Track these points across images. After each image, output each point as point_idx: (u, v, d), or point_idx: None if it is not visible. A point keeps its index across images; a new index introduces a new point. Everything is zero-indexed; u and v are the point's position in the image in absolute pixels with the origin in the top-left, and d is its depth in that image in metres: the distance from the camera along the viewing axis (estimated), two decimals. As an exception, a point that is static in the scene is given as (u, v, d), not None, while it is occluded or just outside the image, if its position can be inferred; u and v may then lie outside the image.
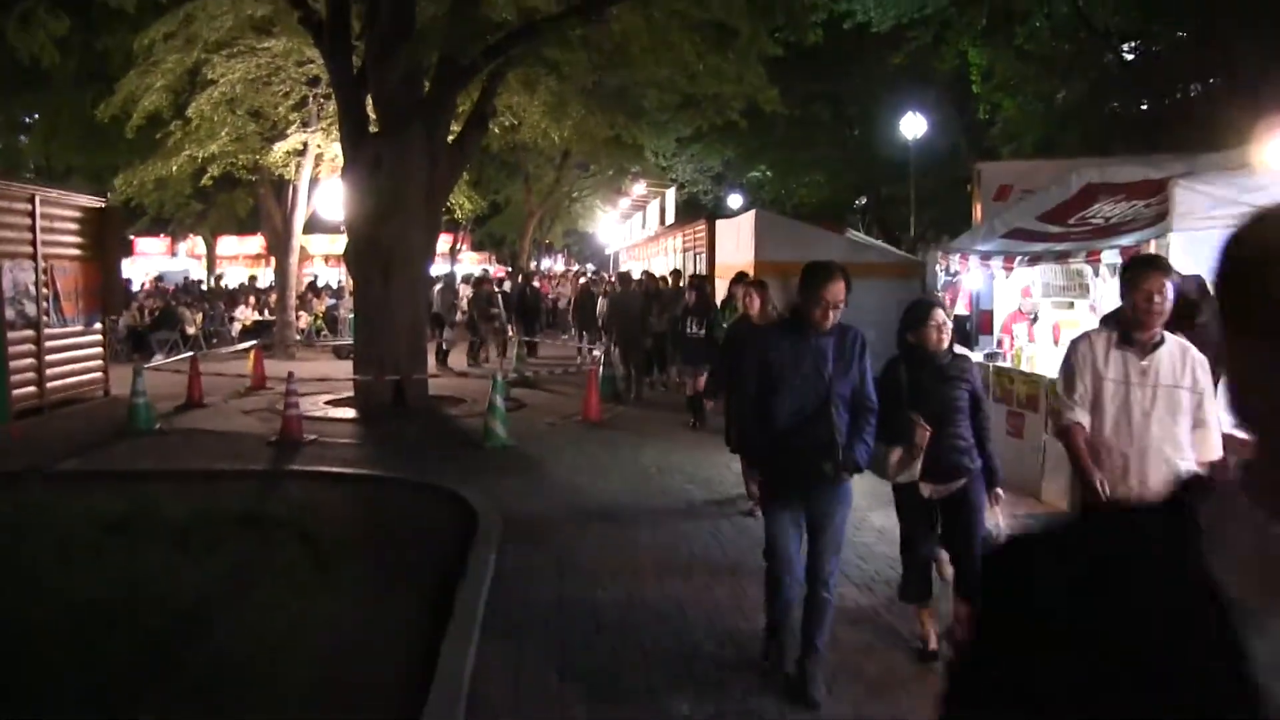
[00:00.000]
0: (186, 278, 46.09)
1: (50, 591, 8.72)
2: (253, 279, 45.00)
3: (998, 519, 7.49)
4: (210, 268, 53.42)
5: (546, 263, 74.61)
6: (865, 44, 34.46)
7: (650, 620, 8.24)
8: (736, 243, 24.82)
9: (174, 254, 58.48)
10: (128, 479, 13.48)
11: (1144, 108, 29.16)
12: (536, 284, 39.60)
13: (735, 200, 49.20)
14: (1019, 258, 13.13)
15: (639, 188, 48.87)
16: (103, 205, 21.05)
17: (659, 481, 13.40)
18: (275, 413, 18.00)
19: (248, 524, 11.14)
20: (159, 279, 47.50)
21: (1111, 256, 11.19)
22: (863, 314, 16.16)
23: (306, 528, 11.00)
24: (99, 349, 20.85)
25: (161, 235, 55.15)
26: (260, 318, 33.07)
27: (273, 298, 33.40)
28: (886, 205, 46.94)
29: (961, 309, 15.23)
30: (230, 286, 43.53)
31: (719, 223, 28.38)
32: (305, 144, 27.07)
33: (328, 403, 19.83)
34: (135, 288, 43.18)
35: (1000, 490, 7.45)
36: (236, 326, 32.72)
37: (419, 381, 19.13)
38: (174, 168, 25.95)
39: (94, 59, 28.63)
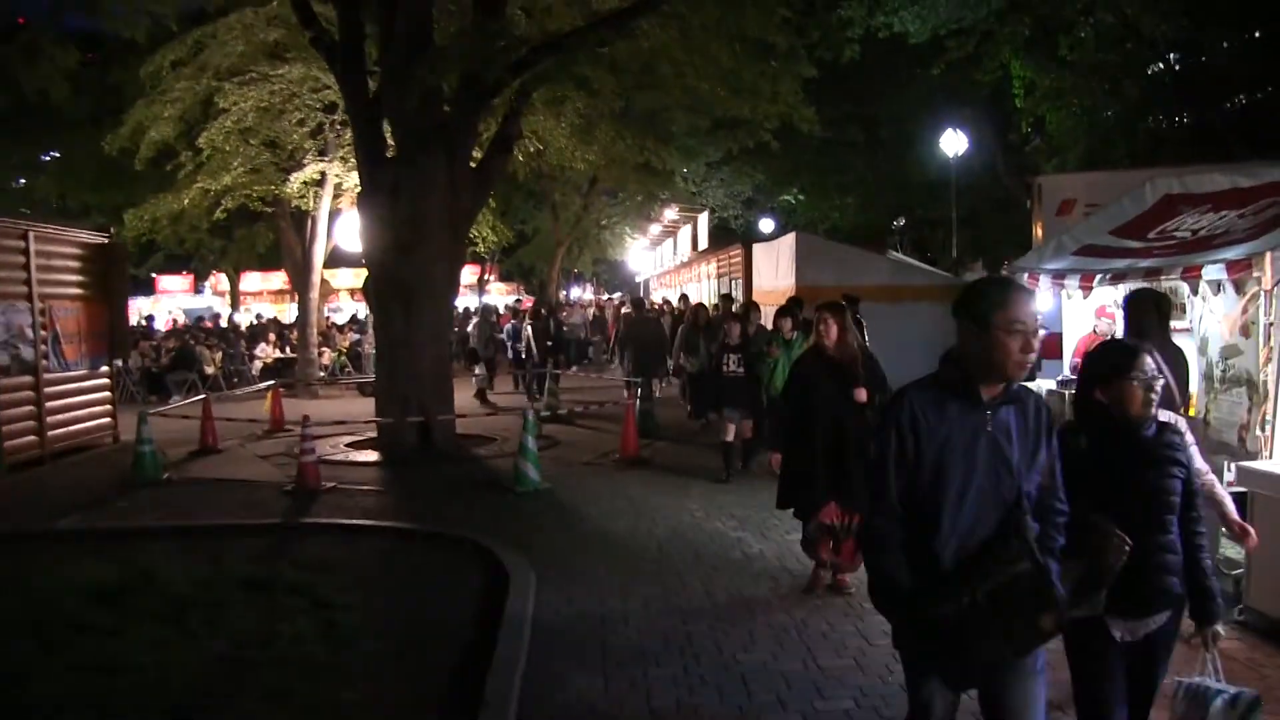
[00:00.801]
0: (201, 317, 45.03)
1: (10, 680, 7.53)
2: (272, 319, 43.81)
3: (1214, 668, 5.07)
4: (235, 304, 52.54)
5: (576, 292, 73.48)
6: (899, 62, 33.48)
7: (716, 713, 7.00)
8: (775, 267, 23.64)
9: (197, 291, 57.52)
10: (124, 538, 12.33)
11: (1188, 119, 27.91)
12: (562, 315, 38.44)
13: (767, 225, 48.12)
14: (1099, 276, 11.85)
15: (670, 212, 47.71)
16: (105, 241, 19.92)
17: (706, 528, 12.14)
18: (293, 457, 16.80)
19: (254, 590, 9.95)
20: (198, 319, 46.43)
21: (1215, 272, 9.91)
22: (909, 342, 14.68)
23: (319, 594, 9.80)
24: (106, 393, 19.73)
25: (184, 273, 54.41)
26: (282, 355, 31.92)
27: (294, 334, 32.26)
28: (921, 227, 45.78)
29: (1031, 333, 13.96)
30: (240, 324, 42.40)
31: (756, 247, 27.16)
32: (323, 174, 25.98)
33: (349, 445, 18.68)
34: (159, 326, 42.30)
35: (1220, 628, 5.09)
36: (257, 365, 31.59)
37: (445, 421, 17.94)
38: (185, 201, 24.91)
39: (109, 95, 27.80)
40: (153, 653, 8.24)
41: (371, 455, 17.75)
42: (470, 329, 26.63)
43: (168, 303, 55.34)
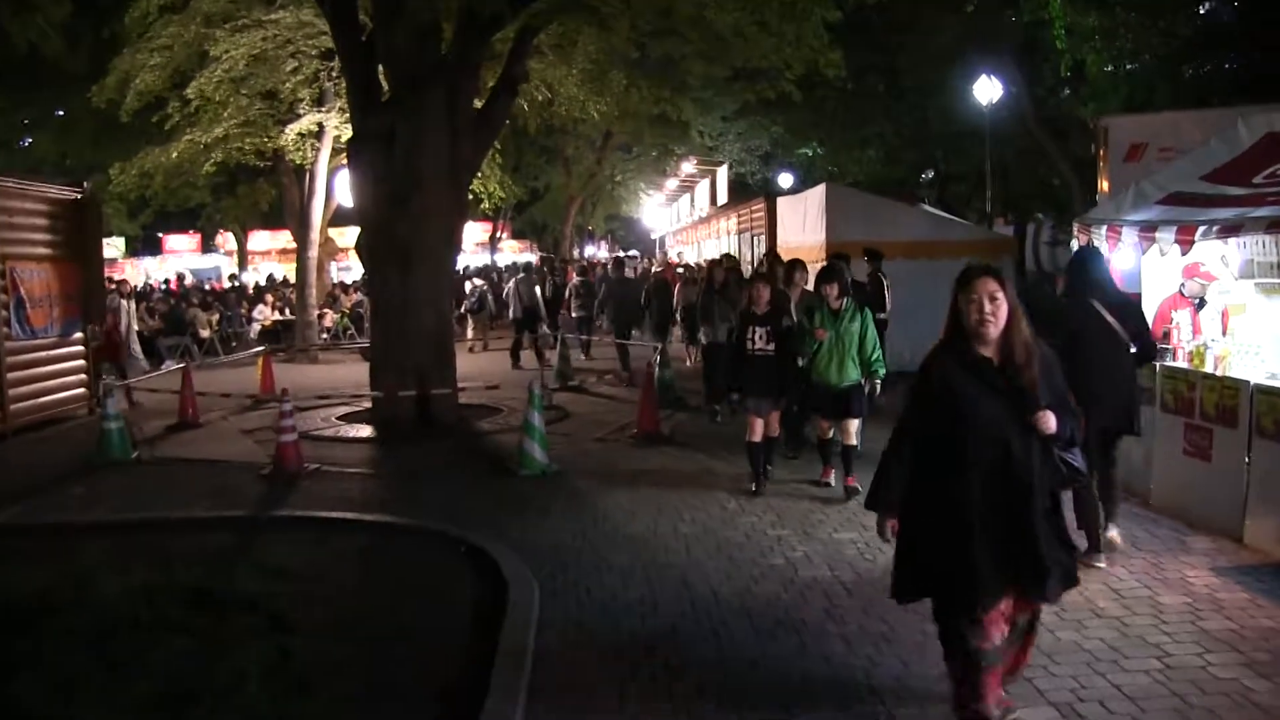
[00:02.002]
0: (207, 279, 43.25)
1: None
2: (271, 279, 41.92)
3: None
4: (242, 263, 50.76)
5: (590, 250, 71.51)
6: (923, 9, 31.58)
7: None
8: (803, 221, 21.76)
9: (205, 250, 55.72)
10: (68, 534, 10.59)
11: (1243, 64, 25.88)
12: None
13: (785, 179, 46.12)
14: (1202, 229, 9.96)
15: (688, 166, 45.76)
16: (78, 197, 18.05)
17: (742, 523, 10.30)
18: (278, 433, 15.14)
19: (203, 606, 8.18)
20: (180, 278, 44.61)
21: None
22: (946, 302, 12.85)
23: (280, 611, 8.02)
24: (80, 361, 17.93)
25: (191, 232, 52.63)
26: (282, 317, 30.03)
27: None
28: (948, 181, 43.79)
29: (1114, 292, 12.04)
30: (249, 284, 40.48)
31: (781, 200, 25.24)
32: (320, 125, 24.12)
33: (341, 418, 16.86)
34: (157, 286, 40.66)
35: None
36: (255, 327, 29.73)
37: (445, 392, 16.12)
38: (175, 154, 23.07)
39: (105, 49, 25.91)
40: (63, 697, 6.51)
41: (364, 430, 15.97)
42: (511, 287, 24.70)
43: (175, 263, 53.61)
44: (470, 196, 26.65)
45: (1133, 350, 8.89)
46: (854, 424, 11.30)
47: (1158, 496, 10.37)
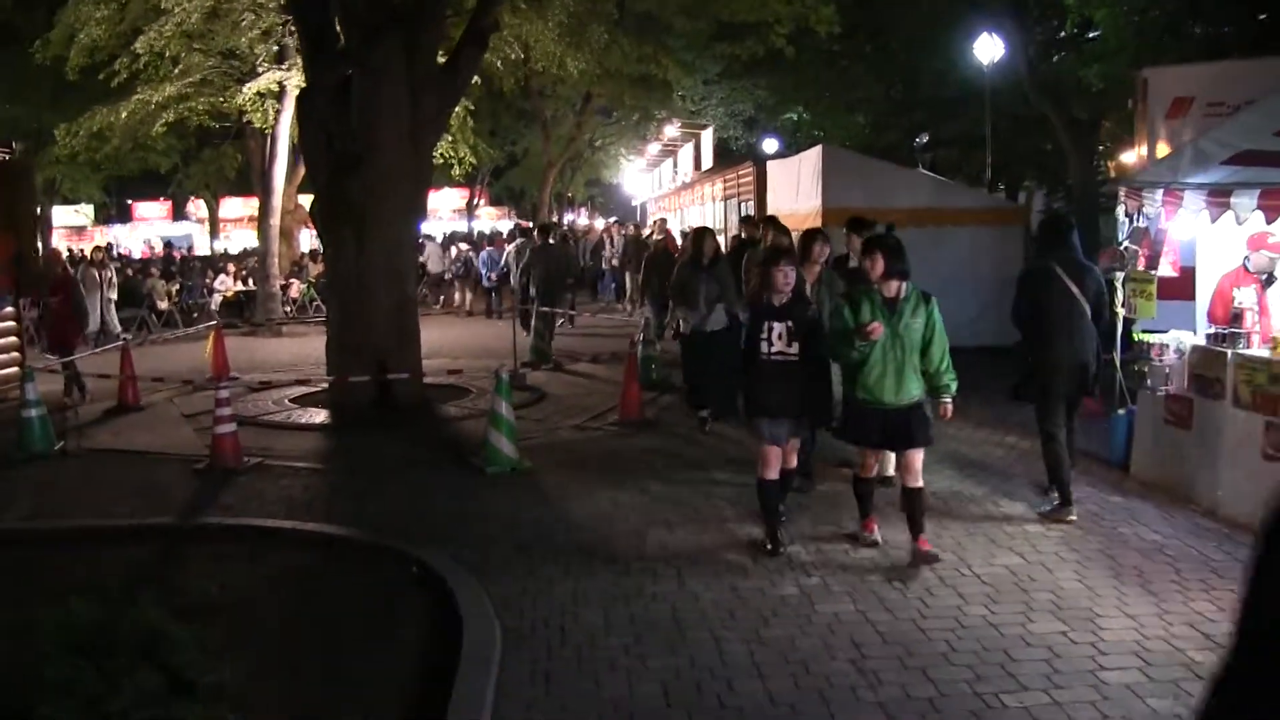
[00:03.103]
0: (170, 244, 41.35)
1: None
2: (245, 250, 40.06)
3: None
4: (214, 231, 48.90)
5: (569, 217, 69.58)
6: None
7: None
8: (796, 186, 20.11)
9: (176, 218, 53.78)
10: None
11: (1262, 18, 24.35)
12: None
13: (770, 145, 44.39)
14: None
15: (671, 129, 43.99)
16: (5, 158, 16.25)
17: (742, 537, 8.72)
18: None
19: (90, 654, 6.55)
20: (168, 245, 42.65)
21: None
22: (955, 269, 11.34)
23: (181, 664, 6.40)
24: (13, 338, 16.20)
25: (162, 199, 50.76)
26: (245, 288, 28.20)
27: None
28: (936, 147, 42.18)
29: (1167, 269, 10.37)
30: (220, 251, 38.59)
31: (771, 163, 23.54)
32: (281, 84, 22.34)
33: (296, 401, 15.18)
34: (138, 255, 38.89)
35: None
36: (217, 299, 27.91)
37: (409, 369, 14.47)
38: (123, 114, 21.29)
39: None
40: None
41: (318, 415, 14.32)
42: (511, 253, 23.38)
43: (145, 230, 51.72)
44: (440, 161, 25.05)
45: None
46: (919, 457, 8.11)
47: (1228, 507, 8.77)
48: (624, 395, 13.40)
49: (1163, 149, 12.39)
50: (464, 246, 31.27)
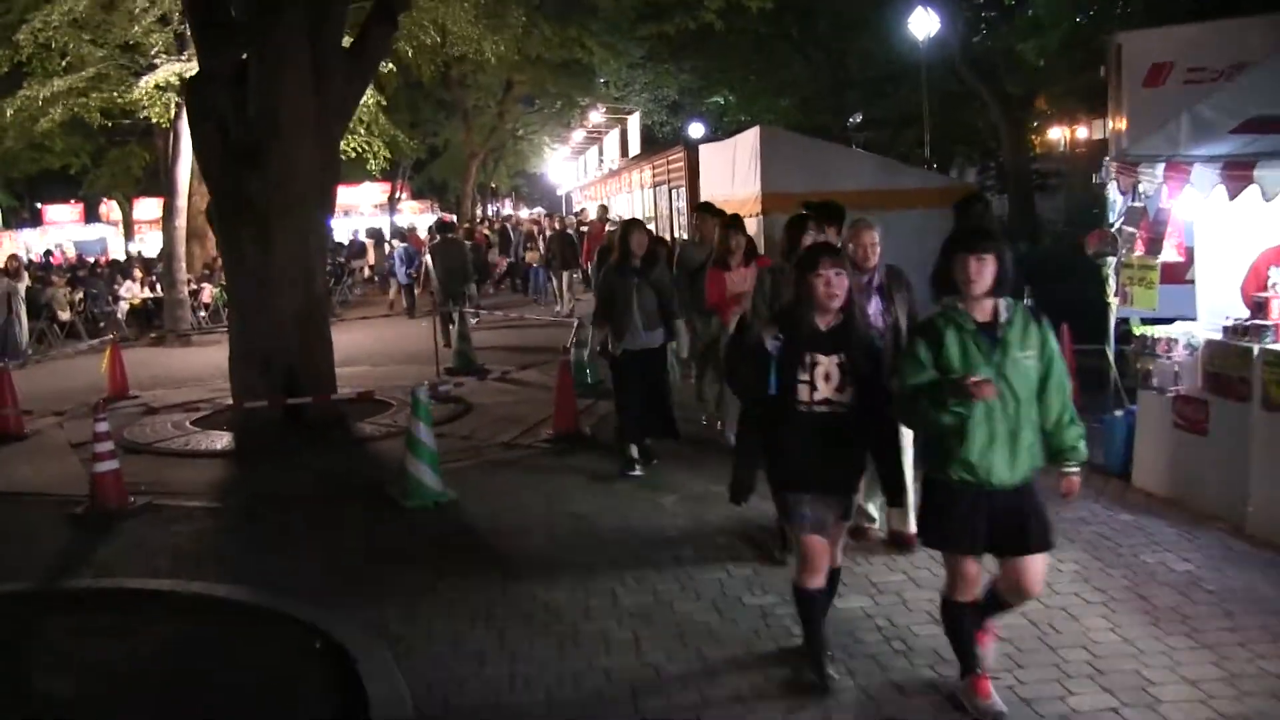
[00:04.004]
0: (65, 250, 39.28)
1: None
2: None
3: None
4: (128, 234, 46.71)
5: (493, 208, 67.84)
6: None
7: None
8: (731, 171, 18.70)
9: (88, 221, 51.39)
10: None
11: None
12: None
13: (697, 129, 43.18)
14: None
15: (596, 115, 42.60)
16: None
17: (701, 583, 7.33)
18: (123, 445, 12.01)
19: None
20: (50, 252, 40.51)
21: None
22: (906, 254, 10.38)
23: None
24: None
25: (73, 201, 48.51)
26: (153, 294, 26.29)
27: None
28: (866, 128, 41.15)
29: (1171, 253, 9.08)
30: (134, 255, 36.54)
31: (704, 148, 22.11)
32: (181, 77, 20.63)
33: (198, 423, 13.59)
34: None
35: None
36: (123, 307, 26.04)
37: (322, 386, 12.97)
38: (8, 112, 19.54)
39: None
40: None
41: (222, 439, 12.72)
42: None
43: (56, 234, 49.32)
44: (353, 155, 23.48)
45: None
46: (1040, 568, 5.31)
47: (1259, 524, 7.51)
48: (558, 407, 11.94)
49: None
50: (397, 243, 29.86)
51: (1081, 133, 47.88)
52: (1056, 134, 46.91)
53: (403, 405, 13.46)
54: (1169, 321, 9.18)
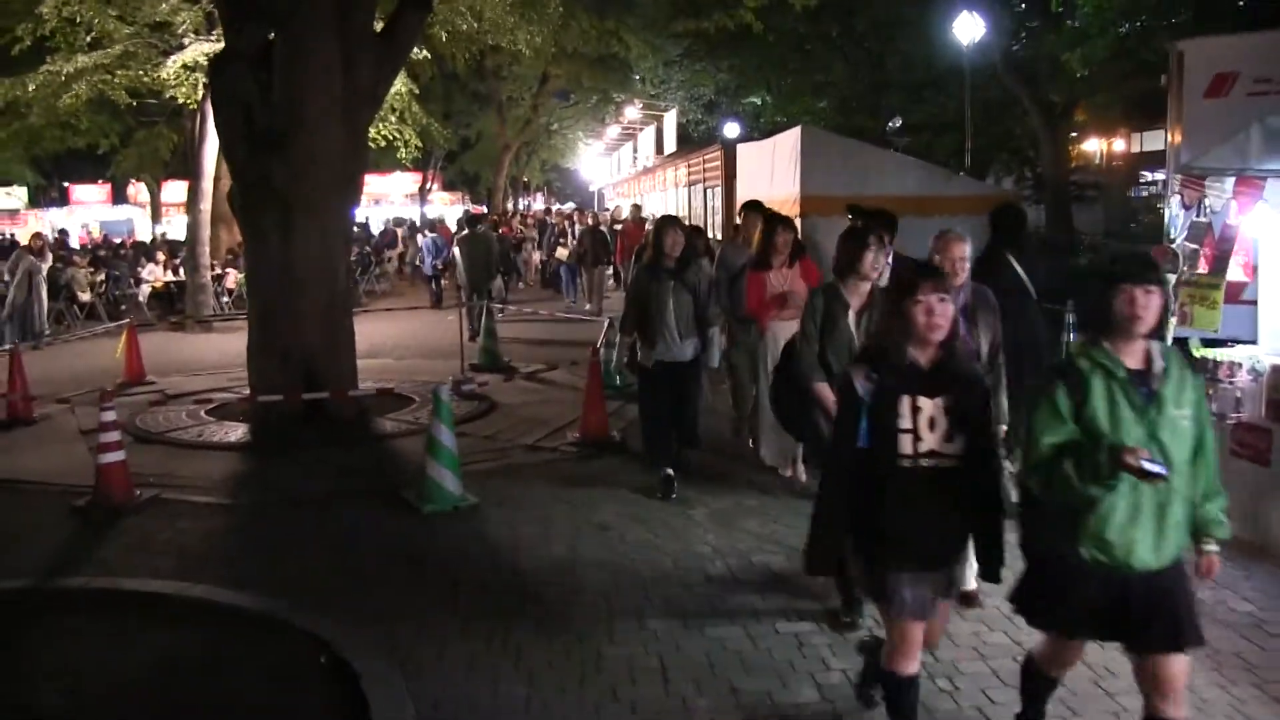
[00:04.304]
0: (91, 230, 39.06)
1: None
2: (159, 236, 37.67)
3: None
4: (156, 216, 46.58)
5: (524, 202, 67.45)
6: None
7: None
8: (770, 172, 18.24)
9: (116, 202, 51.26)
10: None
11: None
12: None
13: (732, 129, 42.67)
14: None
15: (632, 110, 42.14)
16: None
17: (733, 604, 6.92)
18: (133, 434, 11.66)
19: None
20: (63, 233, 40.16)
21: None
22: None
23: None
24: None
25: (100, 182, 48.33)
26: (176, 278, 25.94)
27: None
28: (904, 133, 40.60)
29: (1237, 272, 8.58)
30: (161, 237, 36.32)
31: (742, 147, 21.66)
32: (210, 57, 20.31)
33: (214, 412, 13.21)
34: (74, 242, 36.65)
35: None
36: (145, 290, 25.71)
37: (343, 380, 12.60)
38: (30, 86, 19.22)
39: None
40: None
41: (237, 431, 12.31)
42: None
43: (83, 214, 49.22)
44: (382, 144, 23.12)
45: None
46: (1184, 669, 4.45)
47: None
48: (586, 410, 11.51)
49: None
50: (426, 234, 29.55)
51: (1118, 145, 47.37)
52: (1092, 146, 46.39)
53: (425, 401, 13.07)
54: (1224, 343, 8.73)
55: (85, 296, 23.72)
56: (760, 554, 7.76)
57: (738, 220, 11.82)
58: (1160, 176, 47.78)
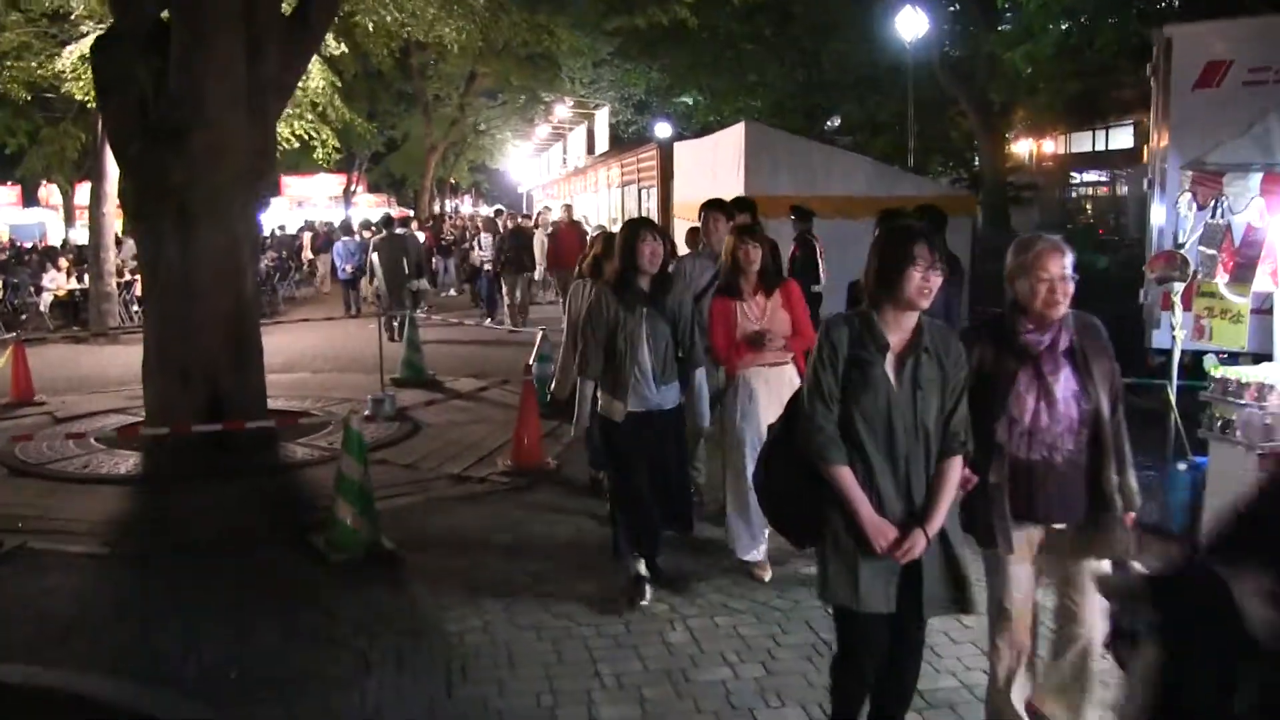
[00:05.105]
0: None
1: None
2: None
3: None
4: (69, 219, 44.53)
5: (451, 205, 65.81)
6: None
7: None
8: (712, 170, 17.20)
9: (27, 204, 48.98)
10: None
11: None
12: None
13: (664, 130, 41.61)
14: None
15: (562, 109, 40.87)
16: None
17: (700, 683, 5.71)
18: (8, 466, 10.35)
19: None
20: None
21: None
22: None
23: None
24: None
25: (9, 183, 46.19)
26: (81, 285, 24.20)
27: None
28: (843, 133, 39.76)
29: (1266, 281, 7.46)
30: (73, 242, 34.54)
31: (680, 145, 20.59)
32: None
33: (102, 439, 11.76)
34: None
35: None
36: (46, 298, 23.95)
37: (248, 397, 11.27)
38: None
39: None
40: None
41: (128, 460, 10.87)
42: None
43: (-11, 219, 46.92)
44: (298, 143, 21.79)
45: None
46: None
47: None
48: (518, 436, 10.26)
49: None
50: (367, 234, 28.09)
51: (1047, 147, 46.85)
52: (1022, 147, 45.83)
53: (343, 416, 11.80)
54: (1236, 360, 7.69)
55: (-22, 308, 21.95)
56: (723, 615, 6.57)
57: (695, 223, 9.98)
58: (1093, 178, 47.55)
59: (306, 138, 22.57)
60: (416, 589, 7.19)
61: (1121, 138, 41.52)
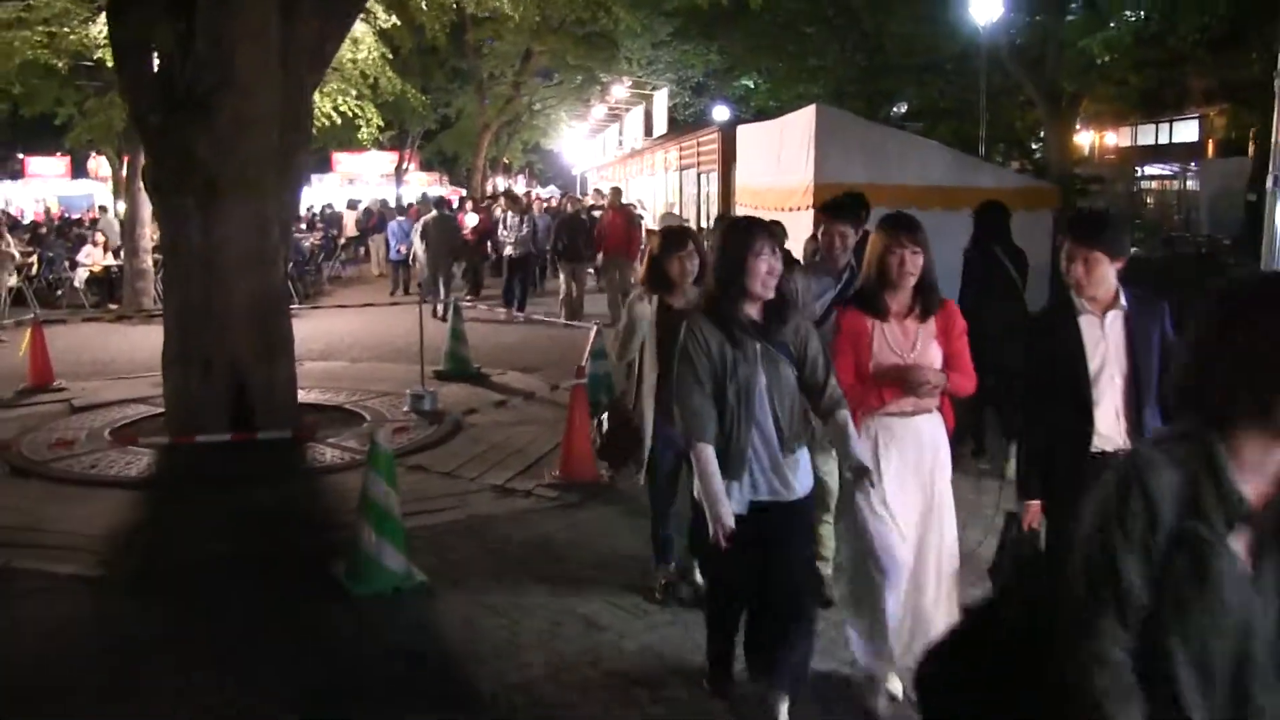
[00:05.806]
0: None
1: None
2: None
3: None
4: (117, 191, 43.90)
5: (503, 184, 64.83)
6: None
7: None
8: (778, 155, 15.98)
9: (76, 175, 48.42)
10: None
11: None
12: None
13: (722, 113, 40.55)
14: None
15: (619, 89, 39.84)
16: None
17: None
18: (10, 463, 9.43)
19: None
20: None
21: None
22: None
23: None
24: None
25: (59, 154, 45.60)
26: (117, 261, 23.29)
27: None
28: (910, 119, 38.59)
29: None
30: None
31: (744, 128, 19.36)
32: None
33: (117, 432, 10.75)
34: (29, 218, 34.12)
35: None
36: (81, 274, 23.02)
37: (276, 390, 10.29)
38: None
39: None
40: None
41: (141, 459, 9.85)
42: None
43: (39, 188, 46.38)
44: (341, 120, 20.87)
45: None
46: None
47: None
48: (568, 444, 9.18)
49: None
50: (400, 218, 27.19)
51: (1110, 139, 45.48)
52: (1084, 139, 44.45)
53: (378, 420, 10.84)
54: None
55: (13, 281, 20.93)
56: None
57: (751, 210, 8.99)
58: (1155, 171, 45.97)
59: (351, 115, 21.62)
60: (447, 633, 6.14)
61: (1185, 131, 40.11)
